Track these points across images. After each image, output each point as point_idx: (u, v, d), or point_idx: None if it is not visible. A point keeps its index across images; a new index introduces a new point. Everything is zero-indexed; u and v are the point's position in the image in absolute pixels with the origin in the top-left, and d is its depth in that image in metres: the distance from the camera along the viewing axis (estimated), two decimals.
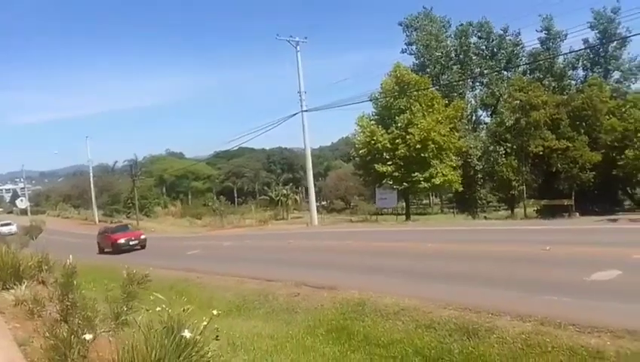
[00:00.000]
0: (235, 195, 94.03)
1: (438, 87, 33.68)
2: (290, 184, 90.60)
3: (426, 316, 8.37)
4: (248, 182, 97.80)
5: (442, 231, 20.56)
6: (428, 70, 36.39)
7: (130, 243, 26.06)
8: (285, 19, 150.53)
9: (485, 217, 39.83)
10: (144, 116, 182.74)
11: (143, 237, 27.02)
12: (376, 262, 13.59)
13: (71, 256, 6.14)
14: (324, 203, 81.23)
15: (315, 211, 33.27)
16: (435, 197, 67.58)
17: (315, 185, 37.95)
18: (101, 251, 27.42)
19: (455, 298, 8.77)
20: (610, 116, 35.11)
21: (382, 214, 50.71)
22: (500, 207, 54.19)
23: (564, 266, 10.23)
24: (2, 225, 42.35)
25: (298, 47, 30.03)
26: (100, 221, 58.96)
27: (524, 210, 38.29)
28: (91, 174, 63.87)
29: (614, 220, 17.06)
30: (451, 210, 62.83)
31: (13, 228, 38.72)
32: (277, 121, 32.12)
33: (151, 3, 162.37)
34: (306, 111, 29.52)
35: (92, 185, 62.15)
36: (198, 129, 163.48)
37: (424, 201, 67.39)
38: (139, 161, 66.84)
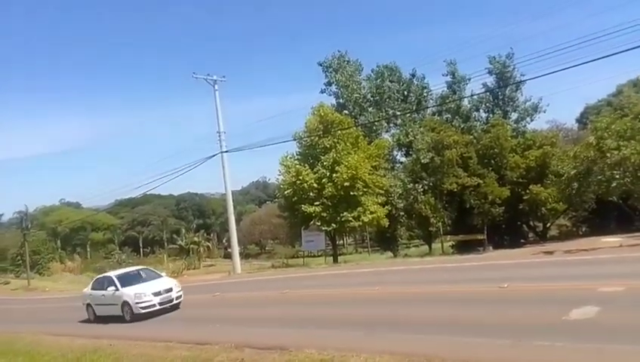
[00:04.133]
0: (141, 245, 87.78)
1: (357, 127, 33.93)
2: (202, 231, 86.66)
3: None
4: (155, 230, 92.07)
5: (381, 273, 19.67)
6: (347, 111, 36.77)
7: None
8: (199, 60, 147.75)
9: (406, 254, 40.19)
10: (35, 165, 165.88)
11: None
12: (326, 313, 12.21)
13: None
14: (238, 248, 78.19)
15: (238, 258, 31.15)
16: (348, 237, 67.97)
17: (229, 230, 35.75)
18: None
19: (432, 350, 7.64)
20: (514, 154, 37.71)
21: (298, 257, 49.50)
22: (410, 244, 55.67)
23: (534, 305, 9.64)
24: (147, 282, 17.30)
25: (216, 86, 28.79)
26: None
27: (442, 246, 39.32)
28: None
29: (550, 252, 17.32)
30: (366, 250, 63.77)
31: (174, 290, 16.38)
32: (193, 163, 30.10)
33: (40, 43, 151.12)
34: (226, 152, 28.00)
35: None
36: (96, 177, 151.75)
37: (338, 242, 67.38)
38: (30, 213, 59.60)
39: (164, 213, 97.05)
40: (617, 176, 21.53)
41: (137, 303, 15.55)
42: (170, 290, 16.15)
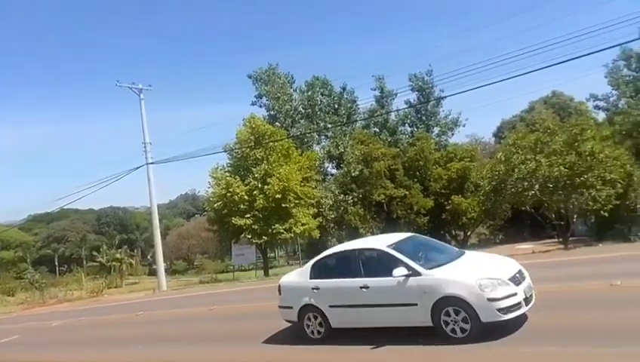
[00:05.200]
0: (57, 264, 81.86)
1: (288, 139, 34.17)
2: (125, 246, 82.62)
3: None
4: (73, 247, 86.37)
5: None
6: (278, 123, 36.97)
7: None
8: (125, 69, 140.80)
9: None
10: None
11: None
12: (256, 328, 11.96)
13: None
14: (164, 264, 75.41)
15: (164, 274, 29.95)
16: (280, 249, 67.91)
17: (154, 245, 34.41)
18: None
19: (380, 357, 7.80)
20: (437, 166, 39.63)
21: (228, 272, 48.51)
22: None
23: None
24: None
25: (142, 95, 27.75)
26: None
27: None
28: None
29: None
30: (297, 262, 63.88)
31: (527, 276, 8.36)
32: (116, 175, 28.67)
33: None
34: (152, 163, 26.97)
35: None
36: (8, 190, 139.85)
37: (269, 254, 67.00)
38: None
39: (83, 229, 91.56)
40: (527, 188, 23.17)
41: (492, 300, 7.39)
42: (523, 275, 8.18)
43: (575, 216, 25.58)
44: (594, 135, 24.70)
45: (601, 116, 42.06)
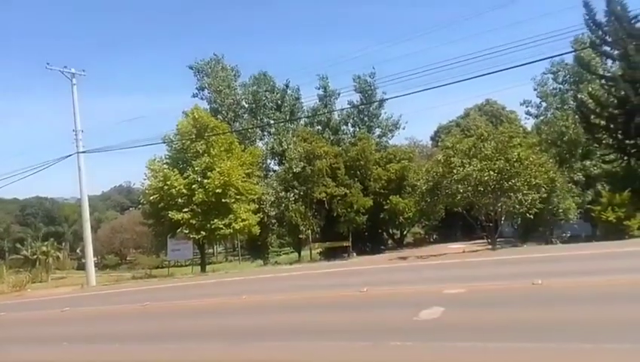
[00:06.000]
0: None
1: (232, 133, 33.60)
2: (52, 239, 78.42)
3: None
4: None
5: (249, 281, 19.65)
6: (220, 116, 36.25)
7: None
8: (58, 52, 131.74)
9: (276, 262, 40.69)
10: None
11: None
12: (188, 325, 11.65)
13: None
14: (94, 259, 72.12)
15: (93, 269, 28.59)
16: (219, 245, 66.91)
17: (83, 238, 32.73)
18: None
19: (295, 356, 7.84)
20: (377, 166, 40.50)
21: (164, 267, 47.24)
22: (281, 251, 56.68)
23: (389, 307, 10.36)
24: None
25: (74, 80, 26.24)
26: None
27: (310, 253, 40.59)
28: None
29: (405, 258, 18.84)
30: (236, 258, 63.24)
31: None
32: (44, 163, 27.03)
33: None
34: (83, 152, 25.59)
35: None
36: None
37: (208, 250, 65.92)
38: None
39: (6, 220, 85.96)
40: (461, 190, 24.22)
41: None
42: None
43: (503, 218, 27.03)
44: (521, 142, 26.21)
45: (532, 122, 44.52)
